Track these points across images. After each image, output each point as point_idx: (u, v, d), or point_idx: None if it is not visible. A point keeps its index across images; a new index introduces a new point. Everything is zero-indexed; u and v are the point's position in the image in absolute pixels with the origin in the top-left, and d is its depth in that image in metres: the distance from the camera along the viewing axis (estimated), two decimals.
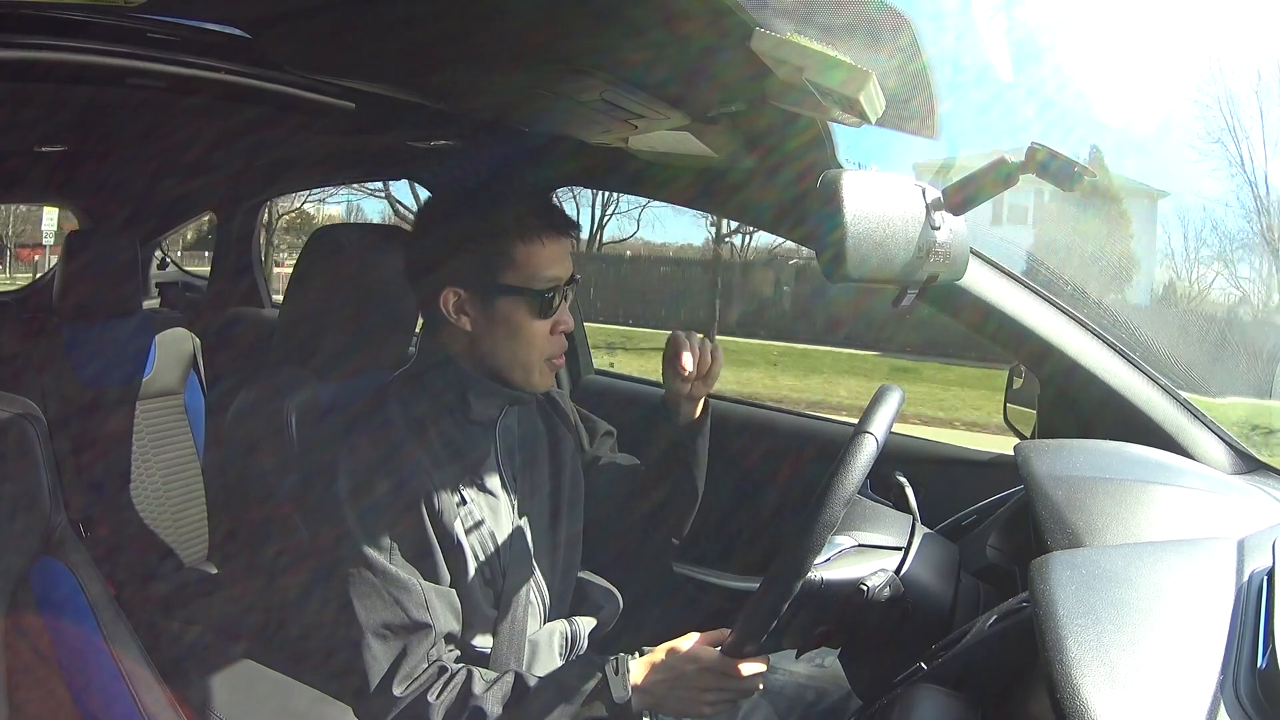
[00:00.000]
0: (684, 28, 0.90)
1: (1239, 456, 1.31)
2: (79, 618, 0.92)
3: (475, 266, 1.21)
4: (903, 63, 0.91)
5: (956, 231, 0.98)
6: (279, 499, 1.26)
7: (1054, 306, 1.41)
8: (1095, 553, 0.89)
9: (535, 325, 1.22)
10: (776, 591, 1.01)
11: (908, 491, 1.23)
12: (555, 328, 1.24)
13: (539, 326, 1.22)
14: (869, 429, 1.01)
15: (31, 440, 0.93)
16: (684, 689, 1.12)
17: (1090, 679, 0.66)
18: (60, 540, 0.95)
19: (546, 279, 1.21)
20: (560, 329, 1.24)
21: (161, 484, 2.19)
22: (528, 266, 1.20)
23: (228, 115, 1.62)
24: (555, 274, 1.22)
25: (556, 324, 1.24)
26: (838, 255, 0.87)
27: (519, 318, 1.21)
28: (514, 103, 1.32)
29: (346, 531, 1.13)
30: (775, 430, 1.87)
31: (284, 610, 1.26)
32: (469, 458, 1.25)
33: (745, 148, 1.39)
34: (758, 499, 1.80)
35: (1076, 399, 1.39)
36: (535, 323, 1.22)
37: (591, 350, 2.31)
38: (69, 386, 2.08)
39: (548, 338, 1.23)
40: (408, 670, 1.12)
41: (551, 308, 1.22)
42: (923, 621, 1.06)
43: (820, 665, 1.34)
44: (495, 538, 1.24)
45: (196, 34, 1.13)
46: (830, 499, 0.97)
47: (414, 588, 1.14)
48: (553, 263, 1.22)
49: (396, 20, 0.98)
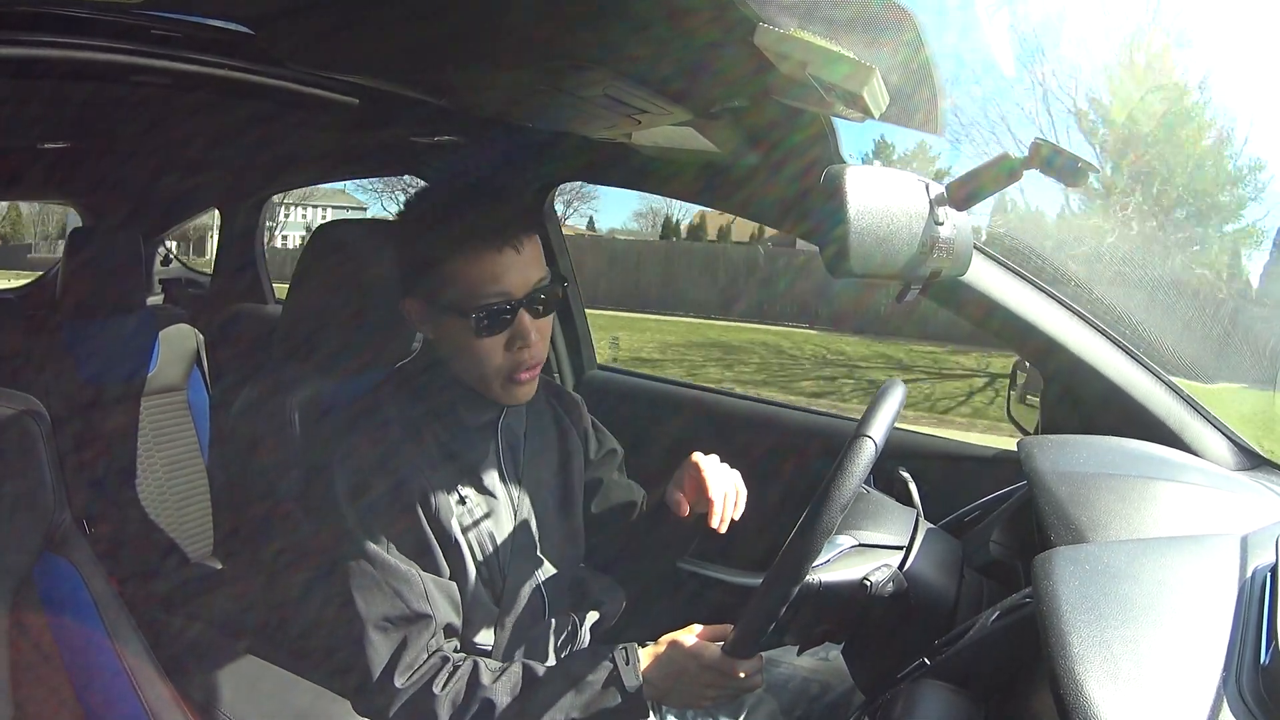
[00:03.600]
0: (687, 22, 0.90)
1: (1242, 453, 1.31)
2: (82, 614, 0.92)
3: (420, 281, 1.17)
4: (906, 58, 0.91)
5: (960, 227, 0.98)
6: (281, 496, 1.26)
7: (1057, 302, 1.41)
8: (1098, 548, 0.89)
9: (482, 344, 1.14)
10: (774, 596, 1.01)
11: (911, 487, 1.23)
12: (511, 344, 1.15)
13: (487, 344, 1.14)
14: (868, 432, 1.01)
15: (35, 437, 0.93)
16: (686, 683, 1.12)
17: (1093, 674, 0.66)
18: (64, 537, 0.95)
19: (489, 296, 1.12)
20: (518, 345, 1.15)
21: (165, 480, 2.20)
22: (465, 283, 1.13)
23: (230, 111, 1.63)
24: (501, 289, 1.13)
25: (512, 340, 1.15)
26: (841, 250, 0.87)
27: (463, 337, 1.15)
28: (517, 98, 1.32)
29: (345, 529, 1.13)
30: (780, 425, 1.86)
31: (287, 607, 1.26)
32: (466, 458, 1.24)
33: (748, 143, 1.38)
34: (762, 494, 1.79)
35: (1080, 394, 1.39)
36: (480, 342, 1.14)
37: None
38: (71, 383, 2.08)
39: (502, 354, 1.15)
40: (409, 661, 1.12)
41: (495, 326, 1.14)
42: (926, 617, 1.06)
43: (824, 659, 1.34)
44: (495, 537, 1.23)
45: (199, 30, 1.13)
46: (828, 504, 0.97)
47: (413, 579, 1.14)
48: (496, 278, 1.12)
49: (399, 16, 0.98)
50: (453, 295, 1.13)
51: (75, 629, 0.92)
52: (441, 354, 1.22)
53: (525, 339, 1.15)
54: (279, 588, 1.29)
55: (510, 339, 1.15)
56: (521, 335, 1.15)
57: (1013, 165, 0.92)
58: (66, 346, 2.11)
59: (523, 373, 1.18)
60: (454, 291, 1.13)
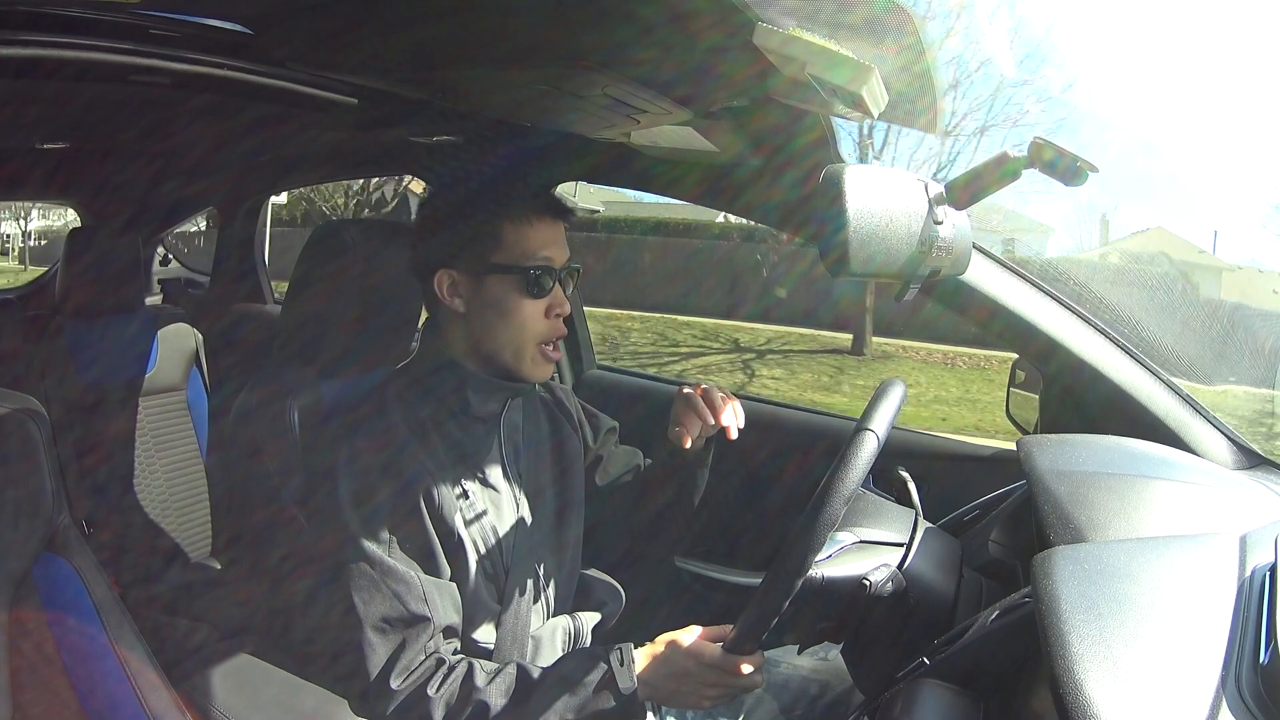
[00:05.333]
0: (689, 24, 0.90)
1: (1242, 452, 1.31)
2: (84, 618, 0.92)
3: (466, 247, 1.22)
4: (908, 60, 0.91)
5: (959, 227, 0.98)
6: (283, 500, 1.26)
7: (1057, 302, 1.41)
8: (1098, 548, 0.89)
9: (526, 305, 1.21)
10: (778, 589, 1.01)
11: (910, 486, 1.23)
12: (549, 311, 1.23)
13: (530, 307, 1.21)
14: (870, 426, 1.02)
15: (35, 439, 0.93)
16: (685, 683, 1.12)
17: (1092, 674, 0.66)
18: (64, 539, 0.95)
19: (537, 259, 1.21)
20: (555, 313, 1.23)
21: (165, 482, 2.19)
22: (517, 246, 1.20)
23: (230, 112, 1.62)
24: (547, 255, 1.21)
25: (550, 307, 1.23)
26: (841, 250, 0.87)
27: (509, 297, 1.21)
28: (519, 99, 1.32)
29: (347, 532, 1.13)
30: (781, 426, 1.86)
31: (289, 611, 1.26)
32: (471, 455, 1.24)
33: (749, 144, 1.39)
34: (763, 495, 1.80)
35: (1079, 394, 1.39)
36: (526, 302, 1.21)
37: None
38: (71, 385, 2.08)
39: (541, 320, 1.22)
40: (406, 663, 1.12)
41: (543, 288, 1.21)
42: (925, 617, 1.06)
43: (824, 659, 1.34)
44: (497, 531, 1.24)
45: (199, 31, 1.13)
46: (831, 497, 0.98)
47: (413, 581, 1.14)
48: (544, 244, 1.22)
49: (400, 17, 0.98)
50: (504, 257, 1.21)
51: (77, 632, 0.91)
52: (468, 328, 1.24)
53: (562, 308, 1.24)
54: (281, 591, 1.28)
55: (550, 306, 1.23)
56: (559, 304, 1.23)
57: (1013, 165, 0.92)
58: (66, 347, 2.11)
59: (553, 347, 1.25)
60: (505, 254, 1.21)
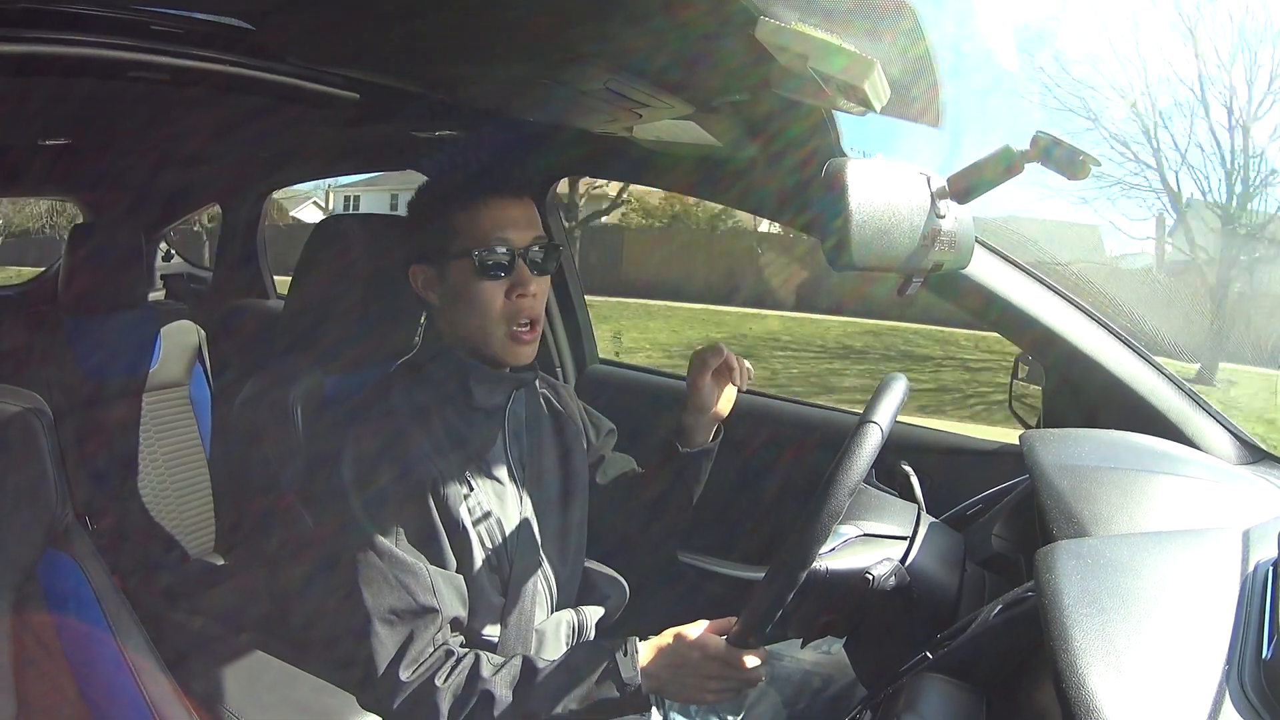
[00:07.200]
0: (686, 14, 0.90)
1: (1244, 446, 1.30)
2: (84, 610, 0.93)
3: (428, 240, 1.24)
4: (905, 48, 0.91)
5: (961, 219, 0.98)
6: (283, 489, 1.26)
7: (1059, 295, 1.40)
8: (1100, 542, 0.88)
9: (485, 288, 1.20)
10: (782, 581, 1.01)
11: (913, 481, 1.23)
12: (510, 291, 1.21)
13: (488, 289, 1.21)
14: (874, 418, 1.02)
15: (37, 434, 0.93)
16: (689, 675, 1.12)
17: (1095, 668, 0.66)
18: (66, 533, 0.95)
19: (493, 241, 1.20)
20: (517, 293, 1.21)
21: (166, 476, 2.20)
22: (469, 231, 1.20)
23: (230, 106, 1.62)
24: (502, 235, 1.21)
25: (511, 287, 1.21)
26: (841, 243, 0.87)
27: (468, 283, 1.21)
28: (517, 92, 1.32)
29: (352, 520, 1.14)
30: (780, 418, 1.86)
31: (289, 600, 1.26)
32: (474, 445, 1.24)
33: (748, 135, 1.38)
34: (763, 488, 1.79)
35: (1082, 388, 1.39)
36: (484, 285, 1.20)
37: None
38: (73, 380, 2.07)
39: (503, 302, 1.21)
40: (414, 654, 1.12)
41: (499, 270, 1.21)
42: (928, 611, 1.06)
43: (827, 652, 1.34)
44: (503, 526, 1.24)
45: (198, 25, 1.13)
46: (835, 489, 0.97)
47: (420, 571, 1.14)
48: (498, 225, 1.21)
49: (398, 10, 0.98)
50: (459, 244, 1.21)
51: (77, 624, 0.92)
52: (446, 320, 1.25)
53: (524, 287, 1.22)
54: (281, 580, 1.29)
55: (510, 286, 1.21)
56: (521, 283, 1.22)
57: (1014, 157, 0.91)
58: (68, 343, 2.11)
59: (524, 330, 1.23)
60: (460, 241, 1.21)
